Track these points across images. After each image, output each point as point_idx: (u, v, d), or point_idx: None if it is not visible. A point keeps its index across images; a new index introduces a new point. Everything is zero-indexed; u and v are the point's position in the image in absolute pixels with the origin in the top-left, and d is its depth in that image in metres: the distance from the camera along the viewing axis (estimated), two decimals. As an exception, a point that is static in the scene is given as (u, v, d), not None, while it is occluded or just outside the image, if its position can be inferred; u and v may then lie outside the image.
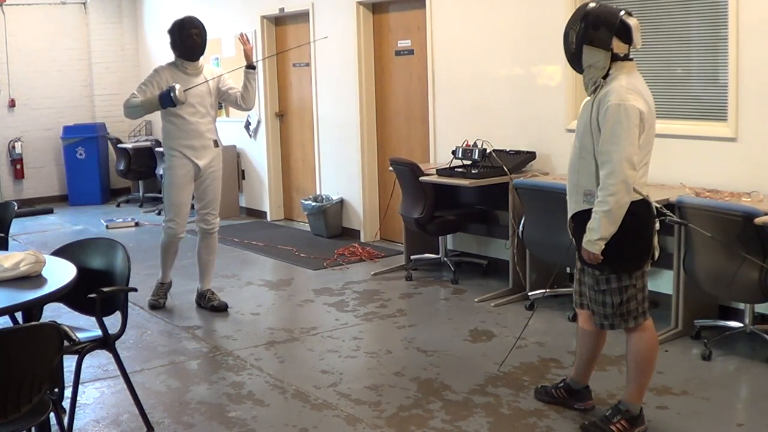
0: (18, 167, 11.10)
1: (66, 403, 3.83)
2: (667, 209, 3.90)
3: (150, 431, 3.96)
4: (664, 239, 5.05)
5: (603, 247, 3.54)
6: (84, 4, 11.44)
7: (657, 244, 3.68)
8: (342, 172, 8.34)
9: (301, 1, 8.55)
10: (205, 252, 6.01)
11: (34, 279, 3.48)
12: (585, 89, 3.67)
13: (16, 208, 5.45)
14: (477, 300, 5.97)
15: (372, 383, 4.50)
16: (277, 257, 7.64)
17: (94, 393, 4.47)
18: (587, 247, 3.57)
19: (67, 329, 3.52)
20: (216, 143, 5.91)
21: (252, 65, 5.83)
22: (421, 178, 6.32)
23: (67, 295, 3.48)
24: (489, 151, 6.21)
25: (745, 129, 5.08)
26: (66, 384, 3.84)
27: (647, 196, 3.61)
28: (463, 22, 6.85)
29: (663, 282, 5.38)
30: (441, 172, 6.29)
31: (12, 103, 10.98)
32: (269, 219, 9.49)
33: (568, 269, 6.06)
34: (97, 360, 4.73)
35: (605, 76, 3.55)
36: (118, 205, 10.90)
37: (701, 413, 4.00)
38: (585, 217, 3.61)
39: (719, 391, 4.26)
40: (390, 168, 6.86)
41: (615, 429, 3.69)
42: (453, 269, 6.57)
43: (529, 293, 5.80)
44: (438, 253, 6.84)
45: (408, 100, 7.67)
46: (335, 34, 8.11)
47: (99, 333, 3.78)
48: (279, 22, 9.22)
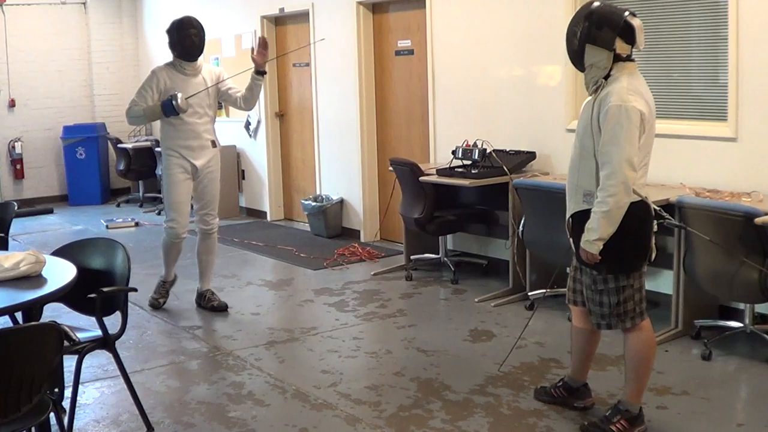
0: (18, 167, 11.10)
1: (66, 403, 3.83)
2: (667, 209, 3.90)
3: (150, 431, 3.96)
4: (664, 239, 5.05)
5: (601, 248, 3.54)
6: (84, 4, 11.45)
7: (654, 245, 3.68)
8: (342, 172, 8.34)
9: (301, 1, 8.55)
10: (205, 252, 6.02)
11: (34, 279, 3.47)
12: (586, 88, 3.66)
13: (16, 208, 5.45)
14: (477, 300, 5.97)
15: (372, 383, 4.50)
16: (277, 257, 7.64)
17: (94, 393, 4.47)
18: (585, 247, 3.57)
19: (67, 329, 3.55)
20: (214, 143, 5.91)
21: (264, 71, 5.77)
22: (421, 178, 6.32)
23: (67, 295, 3.48)
24: (489, 151, 6.21)
25: (745, 129, 5.08)
26: (66, 384, 3.84)
27: (646, 197, 3.62)
28: (463, 22, 6.85)
29: (663, 282, 5.38)
30: (441, 172, 6.29)
31: (12, 103, 10.98)
32: (269, 219, 9.49)
33: (568, 269, 6.06)
34: (97, 360, 4.73)
35: (607, 76, 3.55)
36: (118, 205, 10.90)
37: (701, 413, 4.00)
38: (584, 217, 3.61)
39: (719, 391, 4.26)
40: (390, 168, 6.86)
41: (615, 429, 3.69)
42: (453, 269, 6.57)
43: (529, 293, 5.80)
44: (438, 253, 6.84)
45: (408, 100, 7.67)
46: (335, 34, 8.11)
47: (99, 333, 3.78)
48: (279, 22, 9.22)
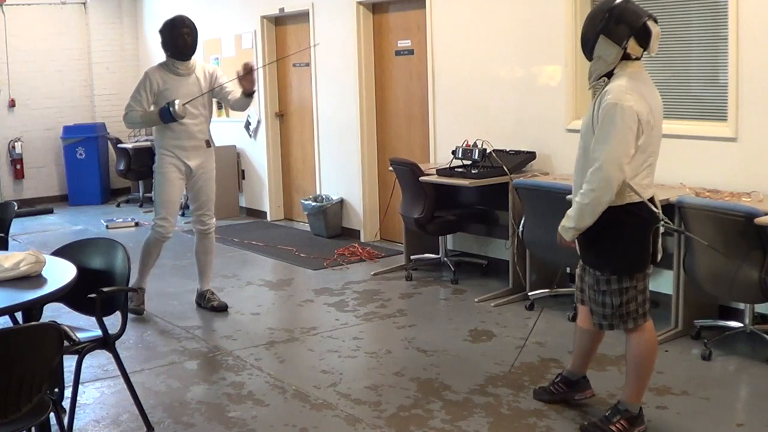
0: (18, 167, 11.10)
1: (66, 403, 3.83)
2: (667, 209, 3.90)
3: (150, 431, 3.96)
4: (664, 239, 5.03)
5: (575, 236, 3.57)
6: (84, 4, 11.45)
7: (660, 247, 3.66)
8: (342, 172, 8.34)
9: (301, 1, 8.55)
10: (203, 252, 6.00)
11: (34, 279, 3.48)
12: (588, 78, 3.65)
13: (16, 208, 5.45)
14: (477, 300, 5.97)
15: (372, 383, 4.50)
16: (277, 257, 7.64)
17: (94, 393, 4.47)
18: (560, 231, 3.61)
19: (67, 329, 3.54)
20: (208, 143, 5.86)
21: (251, 92, 5.71)
22: (421, 178, 6.32)
23: (67, 295, 3.48)
24: (489, 151, 6.21)
25: (745, 129, 5.08)
26: (66, 384, 3.84)
27: (651, 197, 3.59)
28: (463, 22, 6.85)
29: (663, 282, 5.38)
30: (441, 172, 6.29)
31: (12, 103, 10.98)
32: (269, 219, 9.49)
33: (568, 269, 6.06)
34: (97, 360, 4.73)
35: (610, 74, 3.54)
36: (118, 205, 10.90)
37: (701, 413, 4.00)
38: None
39: (719, 391, 4.26)
40: (390, 168, 6.86)
41: (615, 429, 3.68)
42: (453, 269, 6.57)
43: (529, 293, 5.80)
44: (438, 253, 6.84)
45: (408, 100, 7.67)
46: (335, 34, 8.12)
47: (99, 333, 3.78)
48: (279, 22, 9.22)
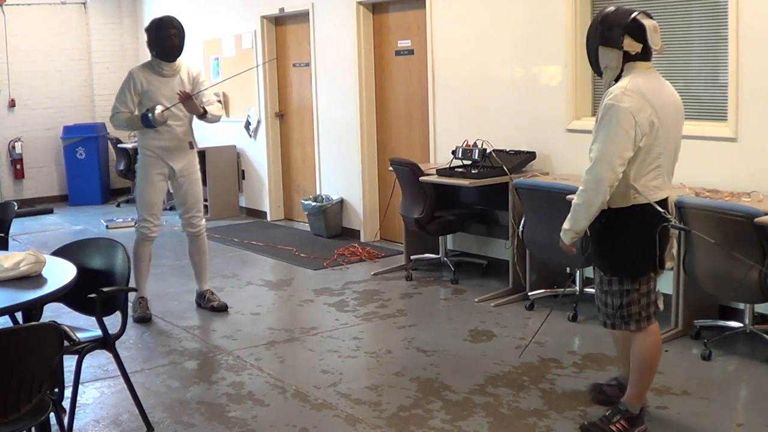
0: (18, 167, 11.10)
1: (66, 403, 3.83)
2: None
3: (150, 431, 3.96)
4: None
5: (573, 239, 3.55)
6: (84, 4, 11.45)
7: (672, 251, 3.63)
8: (342, 172, 8.34)
9: (301, 1, 8.55)
10: (197, 254, 5.98)
11: (34, 279, 3.48)
12: (604, 92, 3.63)
13: (16, 208, 5.45)
14: (477, 300, 5.97)
15: (372, 383, 4.50)
16: (277, 257, 7.64)
17: (94, 393, 4.47)
18: (560, 234, 3.60)
19: (67, 329, 3.54)
20: (191, 145, 5.82)
21: (201, 114, 5.66)
22: (421, 178, 6.32)
23: (67, 295, 3.48)
24: (489, 151, 6.21)
25: (745, 129, 5.08)
26: (66, 384, 3.85)
27: (665, 199, 3.56)
28: (463, 22, 6.85)
29: (663, 282, 5.33)
30: (441, 172, 6.29)
31: (12, 103, 10.98)
32: (269, 219, 9.49)
33: (568, 269, 6.06)
34: (97, 360, 4.73)
35: (618, 77, 3.53)
36: (118, 205, 10.90)
37: (701, 413, 3.99)
38: (599, 217, 3.58)
39: (719, 391, 4.26)
40: (390, 168, 6.86)
41: (615, 429, 3.68)
42: (453, 269, 6.56)
43: (529, 293, 5.80)
44: (438, 253, 6.84)
45: (408, 100, 7.67)
46: (335, 34, 8.12)
47: (99, 333, 3.78)
48: (279, 22, 9.22)
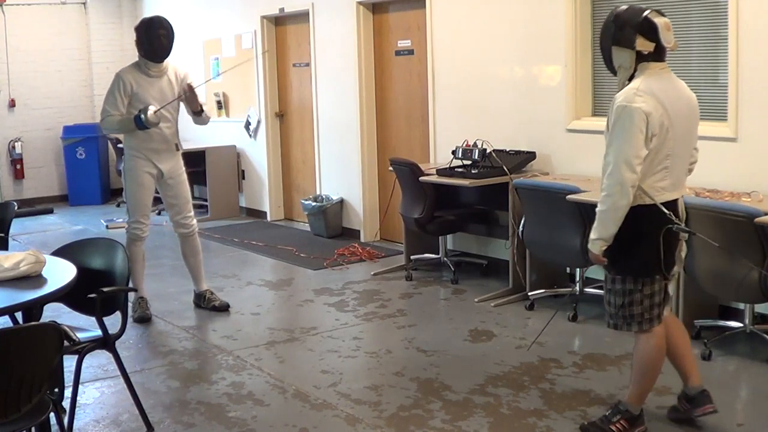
0: (18, 167, 11.10)
1: (66, 403, 3.83)
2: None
3: (150, 431, 3.96)
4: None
5: (603, 248, 3.52)
6: (84, 4, 11.44)
7: (681, 255, 3.60)
8: (342, 172, 8.34)
9: (301, 1, 8.55)
10: (192, 255, 5.97)
11: (34, 279, 3.48)
12: (617, 91, 3.61)
13: (16, 208, 5.46)
14: (477, 300, 5.97)
15: (372, 383, 4.50)
16: (277, 257, 7.64)
17: (94, 393, 4.47)
18: (589, 246, 3.57)
19: (67, 329, 3.54)
20: (177, 147, 5.82)
21: (197, 112, 5.73)
22: (421, 178, 6.32)
23: (67, 295, 3.48)
24: (489, 151, 6.21)
25: (745, 129, 5.08)
26: (66, 384, 3.85)
27: (674, 200, 3.54)
28: (463, 22, 6.85)
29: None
30: (441, 172, 6.29)
31: (12, 103, 10.98)
32: (269, 219, 9.49)
33: (568, 269, 6.07)
34: (97, 360, 4.73)
35: (632, 77, 3.52)
36: (118, 205, 10.88)
37: (701, 413, 3.99)
38: None
39: (719, 391, 4.24)
40: (390, 168, 6.86)
41: (614, 429, 3.68)
42: (453, 269, 6.56)
43: (529, 293, 5.80)
44: (438, 253, 6.84)
45: (408, 100, 7.67)
46: (335, 34, 8.11)
47: (99, 333, 3.78)
48: (279, 22, 9.21)
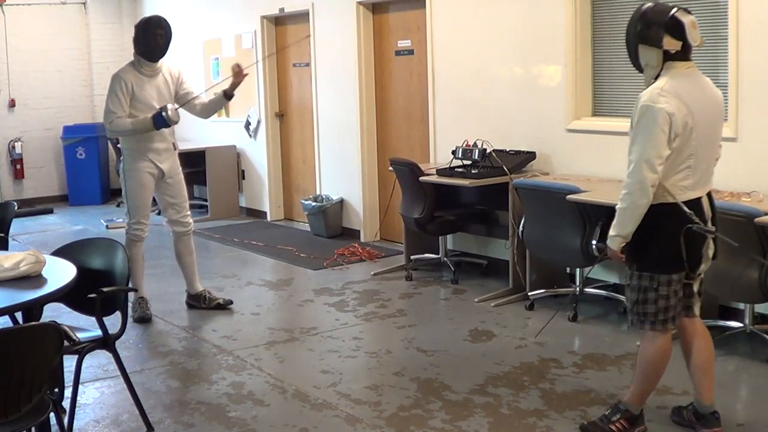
0: (18, 167, 11.10)
1: (66, 403, 3.84)
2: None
3: (150, 431, 3.96)
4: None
5: (621, 245, 3.51)
6: (84, 4, 11.45)
7: (708, 253, 3.57)
8: (342, 172, 8.34)
9: (301, 1, 8.55)
10: (188, 254, 5.97)
11: (34, 279, 3.48)
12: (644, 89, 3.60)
13: (16, 208, 5.45)
14: (477, 300, 5.97)
15: (372, 383, 4.50)
16: (277, 257, 7.64)
17: (94, 393, 4.48)
18: (608, 242, 3.57)
19: (67, 329, 3.55)
20: (174, 146, 5.83)
21: (231, 96, 5.76)
22: (421, 178, 6.32)
23: (67, 295, 3.48)
24: (489, 151, 6.21)
25: (745, 129, 5.08)
26: (66, 384, 3.85)
27: (698, 199, 3.53)
28: (463, 22, 6.85)
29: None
30: (441, 172, 6.29)
31: (12, 103, 10.98)
32: (269, 219, 9.49)
33: (568, 269, 6.06)
34: (97, 360, 4.73)
35: (657, 76, 3.51)
36: (118, 205, 10.87)
37: (701, 413, 3.99)
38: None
39: (719, 391, 4.23)
40: (390, 168, 6.86)
41: (614, 428, 3.68)
42: (453, 269, 6.56)
43: (529, 293, 5.80)
44: (438, 253, 6.83)
45: (408, 100, 7.67)
46: (335, 34, 8.11)
47: (99, 333, 3.78)
48: (279, 22, 9.21)
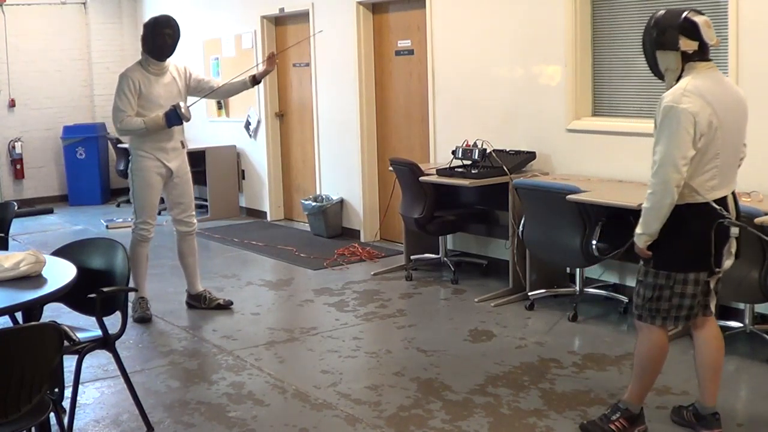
0: (18, 167, 11.09)
1: (66, 403, 3.84)
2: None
3: (150, 431, 3.96)
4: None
5: (647, 243, 3.52)
6: (84, 4, 11.45)
7: (731, 251, 3.55)
8: (342, 172, 8.34)
9: (301, 1, 8.55)
10: (190, 254, 5.97)
11: (34, 279, 3.48)
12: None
13: (16, 208, 5.45)
14: (477, 300, 5.97)
15: (372, 383, 4.50)
16: (277, 257, 7.64)
17: (94, 393, 4.48)
18: (634, 239, 3.57)
19: (67, 329, 3.54)
20: (183, 144, 5.84)
21: (258, 81, 5.91)
22: (421, 178, 6.32)
23: (67, 295, 3.48)
24: (489, 151, 6.21)
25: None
26: (66, 384, 3.85)
27: (723, 197, 3.52)
28: (463, 22, 6.85)
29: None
30: (441, 172, 6.28)
31: (12, 103, 10.98)
32: (269, 219, 9.49)
33: (568, 269, 6.06)
34: (97, 360, 4.73)
35: (679, 78, 3.51)
36: (118, 205, 10.89)
37: (701, 413, 3.99)
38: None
39: (719, 391, 4.24)
40: (390, 168, 6.86)
41: (614, 427, 3.68)
42: (453, 269, 6.56)
43: (529, 293, 5.80)
44: (438, 253, 6.83)
45: (408, 99, 7.67)
46: (335, 34, 8.11)
47: (99, 333, 3.78)
48: (279, 22, 9.21)
